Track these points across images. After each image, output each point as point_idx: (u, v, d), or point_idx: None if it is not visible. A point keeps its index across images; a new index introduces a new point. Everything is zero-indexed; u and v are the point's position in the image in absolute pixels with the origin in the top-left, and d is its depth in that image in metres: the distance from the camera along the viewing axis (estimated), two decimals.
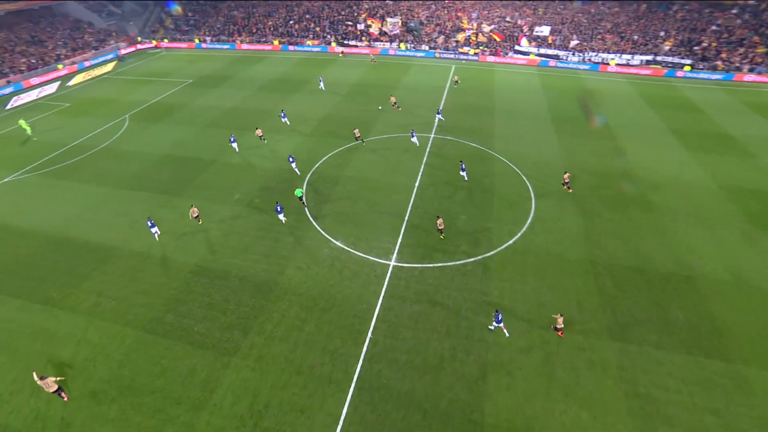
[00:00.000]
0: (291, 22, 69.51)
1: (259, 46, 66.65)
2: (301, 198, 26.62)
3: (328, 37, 65.59)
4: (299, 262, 22.14)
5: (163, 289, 20.53)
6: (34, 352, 17.70)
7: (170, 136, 36.81)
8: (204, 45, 68.52)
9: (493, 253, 22.43)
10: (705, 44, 52.11)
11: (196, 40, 68.75)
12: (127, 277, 21.31)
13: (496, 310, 17.89)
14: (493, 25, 61.87)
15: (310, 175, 30.15)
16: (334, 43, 64.28)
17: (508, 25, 62.38)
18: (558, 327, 17.52)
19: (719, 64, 49.99)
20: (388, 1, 70.55)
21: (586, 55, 54.90)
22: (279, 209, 24.65)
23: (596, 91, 46.12)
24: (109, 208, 26.98)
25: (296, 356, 17.27)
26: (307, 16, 70.09)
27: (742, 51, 50.25)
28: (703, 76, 49.63)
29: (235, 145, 33.76)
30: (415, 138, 33.86)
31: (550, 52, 56.60)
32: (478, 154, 32.58)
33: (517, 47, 57.74)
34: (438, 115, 38.14)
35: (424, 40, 62.39)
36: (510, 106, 42.04)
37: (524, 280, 20.69)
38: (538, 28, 59.07)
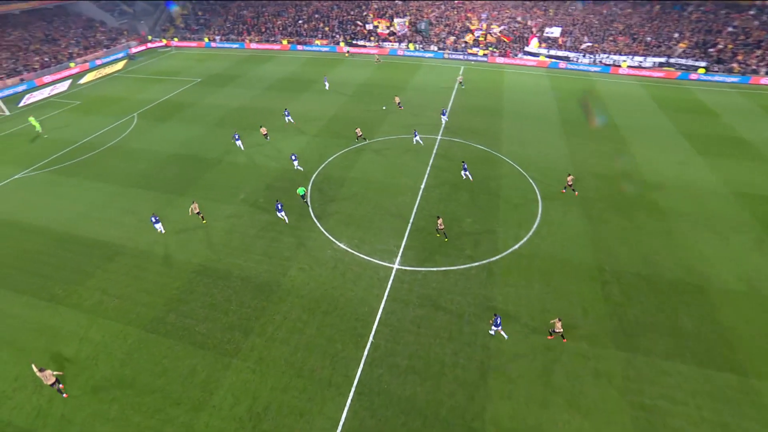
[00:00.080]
0: (300, 22, 69.64)
1: (267, 46, 66.86)
2: (303, 196, 26.56)
3: (337, 37, 65.56)
4: (302, 264, 22.05)
5: (165, 289, 20.60)
6: (38, 349, 17.86)
7: (178, 135, 37.04)
8: (213, 44, 68.95)
9: (498, 257, 22.11)
10: (721, 46, 50.98)
11: (206, 39, 69.21)
12: (131, 276, 21.43)
13: (495, 314, 17.68)
14: (503, 26, 61.26)
15: (315, 175, 30.07)
16: (342, 43, 64.22)
17: (518, 26, 61.74)
18: (556, 331, 17.18)
19: (735, 66, 48.83)
20: (397, 1, 70.30)
21: (597, 57, 54.10)
22: (279, 207, 24.65)
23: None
24: (116, 206, 27.19)
25: (297, 359, 17.18)
26: (317, 16, 70.16)
27: (759, 53, 49.03)
28: (718, 78, 48.51)
29: (239, 143, 33.88)
30: (418, 137, 33.65)
31: (560, 53, 55.86)
32: (485, 157, 32.21)
33: (527, 48, 57.11)
34: (443, 116, 37.87)
35: (433, 41, 62.02)
36: (518, 108, 41.53)
37: (529, 286, 20.35)
38: (548, 29, 58.31)
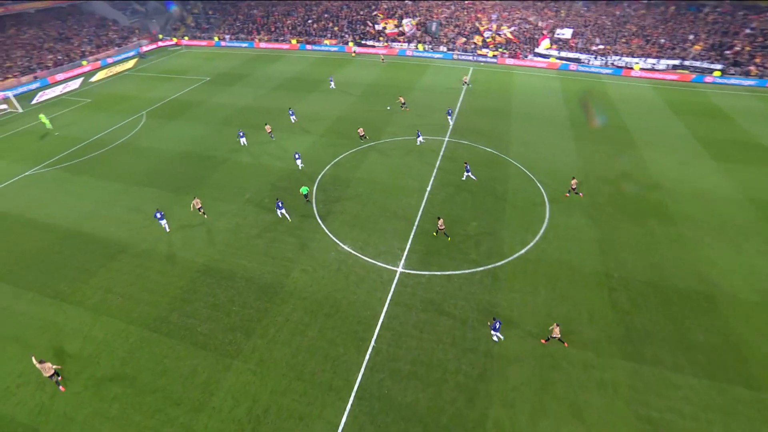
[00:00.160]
0: (309, 21, 69.72)
1: (276, 45, 67.04)
2: (306, 196, 26.47)
3: (346, 36, 65.49)
4: (305, 265, 21.94)
5: (169, 288, 20.62)
6: (41, 346, 17.97)
7: (185, 133, 37.22)
8: (223, 43, 69.33)
9: (503, 262, 21.77)
10: (737, 48, 49.83)
11: (216, 38, 69.62)
12: (135, 275, 21.50)
13: (495, 318, 17.37)
14: (513, 27, 60.64)
15: (321, 176, 29.97)
16: (351, 43, 64.13)
17: (528, 27, 61.07)
18: (552, 336, 16.85)
19: (752, 69, 47.70)
20: (407, 1, 70.02)
21: (609, 59, 53.25)
22: (279, 205, 24.64)
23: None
24: (122, 204, 27.36)
25: (297, 362, 17.06)
26: (326, 16, 70.18)
27: None
28: (734, 81, 47.44)
29: (243, 140, 34.02)
30: (421, 138, 33.46)
31: (571, 55, 55.11)
32: (493, 159, 31.82)
33: (537, 50, 56.45)
34: (449, 117, 37.53)
35: (443, 41, 61.62)
36: (528, 110, 41.02)
37: (535, 292, 19.99)
38: (559, 31, 57.58)
